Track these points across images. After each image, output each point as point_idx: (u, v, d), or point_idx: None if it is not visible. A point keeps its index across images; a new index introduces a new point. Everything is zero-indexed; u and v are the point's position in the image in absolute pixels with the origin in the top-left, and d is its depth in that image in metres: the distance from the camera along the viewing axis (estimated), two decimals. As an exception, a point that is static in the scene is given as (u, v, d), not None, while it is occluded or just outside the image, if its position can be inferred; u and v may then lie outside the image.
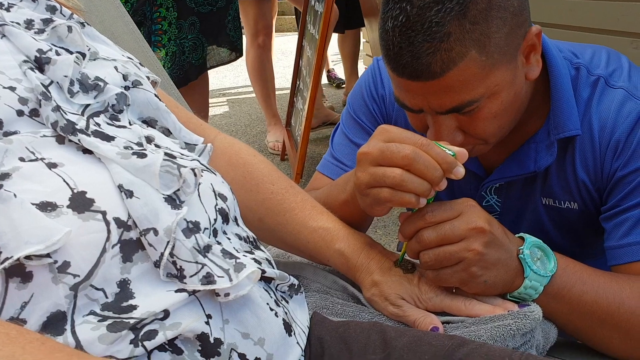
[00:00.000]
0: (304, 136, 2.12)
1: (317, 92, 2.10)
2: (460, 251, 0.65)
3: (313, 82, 2.08)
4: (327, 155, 0.99)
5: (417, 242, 0.67)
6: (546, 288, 0.69)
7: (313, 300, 0.75)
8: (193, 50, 2.02)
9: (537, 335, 0.67)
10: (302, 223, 0.75)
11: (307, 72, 2.33)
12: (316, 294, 0.77)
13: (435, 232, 0.66)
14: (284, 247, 0.82)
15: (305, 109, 2.15)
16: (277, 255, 0.88)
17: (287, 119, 2.74)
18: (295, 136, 2.44)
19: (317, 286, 0.78)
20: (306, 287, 0.78)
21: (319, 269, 0.81)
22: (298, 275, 0.80)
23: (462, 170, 0.65)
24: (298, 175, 2.17)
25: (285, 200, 0.76)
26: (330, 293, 0.77)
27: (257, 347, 0.53)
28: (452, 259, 0.65)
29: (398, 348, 0.60)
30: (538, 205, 0.86)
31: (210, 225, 0.56)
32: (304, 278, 0.80)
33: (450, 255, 0.65)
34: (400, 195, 0.64)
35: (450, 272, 0.66)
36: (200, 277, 0.50)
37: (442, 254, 0.65)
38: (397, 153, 0.63)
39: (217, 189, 0.60)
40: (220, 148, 0.80)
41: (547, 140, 0.80)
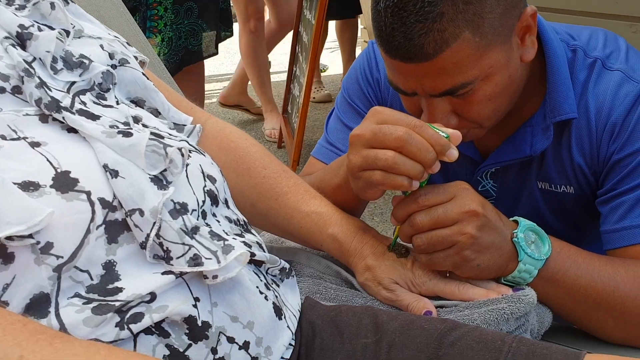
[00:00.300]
0: (301, 123, 2.11)
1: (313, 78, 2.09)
2: (453, 235, 0.65)
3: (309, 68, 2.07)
4: (322, 140, 0.99)
5: (409, 226, 0.67)
6: (540, 272, 0.69)
7: (306, 285, 0.74)
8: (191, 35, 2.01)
9: (531, 320, 0.67)
10: (295, 207, 0.75)
11: (303, 58, 2.31)
12: (309, 279, 0.76)
13: (428, 216, 0.65)
14: (276, 232, 0.81)
15: (302, 95, 2.14)
16: (270, 241, 0.88)
17: (284, 106, 2.73)
18: (291, 123, 2.43)
19: (310, 271, 0.78)
20: (299, 272, 0.78)
21: (312, 254, 0.80)
22: (291, 260, 0.80)
23: (455, 153, 0.64)
24: (295, 162, 2.17)
25: (277, 185, 0.76)
26: (323, 278, 0.77)
27: (246, 330, 0.53)
28: (445, 243, 0.65)
29: (390, 332, 0.60)
30: (534, 190, 0.86)
31: (198, 207, 0.56)
32: (297, 263, 0.79)
33: (443, 238, 0.65)
34: (393, 178, 0.63)
35: (443, 255, 0.66)
36: (187, 259, 0.50)
37: (435, 238, 0.65)
38: (390, 135, 0.62)
39: (206, 170, 0.60)
40: (211, 132, 0.79)
41: (543, 124, 0.80)
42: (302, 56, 2.39)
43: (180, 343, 0.49)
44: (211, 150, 0.75)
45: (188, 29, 2.00)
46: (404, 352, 0.58)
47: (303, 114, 2.10)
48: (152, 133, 0.54)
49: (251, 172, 0.76)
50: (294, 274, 0.67)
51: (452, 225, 0.65)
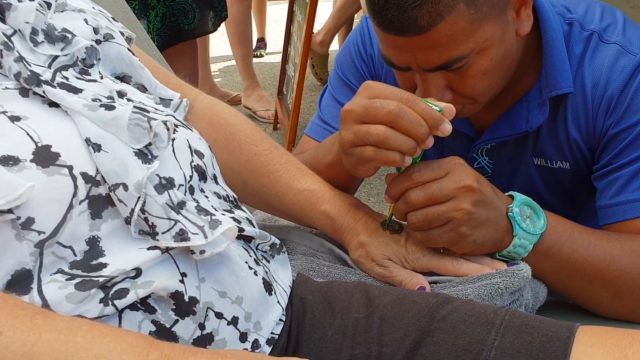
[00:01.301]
0: (296, 104, 2.10)
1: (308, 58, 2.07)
2: (449, 211, 0.64)
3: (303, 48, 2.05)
4: (315, 118, 0.98)
5: (404, 203, 0.66)
6: (536, 246, 0.68)
7: (299, 263, 0.74)
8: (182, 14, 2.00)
9: (525, 294, 0.67)
10: (287, 185, 0.74)
11: (297, 38, 2.29)
12: (302, 256, 0.76)
13: (422, 192, 0.65)
14: (269, 210, 0.81)
15: (296, 76, 2.12)
16: (263, 220, 0.88)
17: (279, 88, 2.72)
18: (287, 104, 2.42)
19: (303, 249, 0.77)
20: (292, 250, 0.78)
21: (305, 231, 0.80)
22: (284, 238, 0.79)
23: (449, 127, 0.63)
24: (290, 144, 2.17)
25: (269, 162, 0.75)
26: (316, 256, 0.76)
27: (234, 305, 0.53)
28: (441, 219, 0.64)
29: (381, 306, 0.60)
30: (530, 166, 0.85)
31: (185, 182, 0.55)
32: (290, 241, 0.79)
33: (438, 215, 0.64)
34: (384, 154, 0.63)
35: (438, 232, 0.65)
36: (173, 234, 0.49)
37: (430, 214, 0.64)
38: (381, 109, 0.62)
39: (193, 145, 0.59)
40: (201, 108, 0.78)
41: (539, 99, 0.79)
42: (296, 35, 2.36)
43: (166, 319, 0.48)
44: (201, 127, 0.74)
45: (179, 7, 1.99)
46: (395, 325, 0.58)
47: (298, 95, 2.09)
48: (136, 107, 0.53)
49: (242, 149, 0.76)
50: (284, 250, 0.66)
51: (447, 201, 0.64)
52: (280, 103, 2.61)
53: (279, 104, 2.61)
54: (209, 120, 0.77)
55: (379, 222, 0.72)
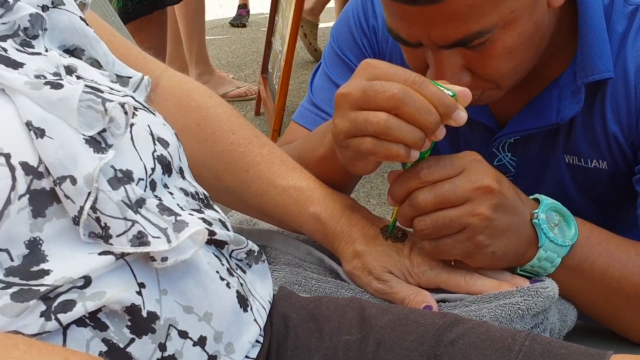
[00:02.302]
0: (283, 85, 2.11)
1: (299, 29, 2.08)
2: (464, 216, 0.64)
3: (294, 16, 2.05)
4: (305, 101, 0.98)
5: (410, 206, 0.67)
6: (564, 260, 0.69)
7: (282, 275, 0.75)
8: None
9: (551, 317, 0.68)
10: (269, 181, 0.75)
11: (286, 4, 2.29)
12: (286, 267, 0.77)
13: (432, 194, 0.65)
14: (247, 210, 0.81)
15: (284, 50, 2.13)
16: (240, 222, 0.88)
17: (263, 65, 2.72)
18: (272, 85, 2.42)
19: (288, 258, 0.78)
20: (274, 259, 0.78)
21: (290, 237, 0.80)
22: (265, 245, 0.80)
23: (463, 115, 0.64)
24: (275, 132, 2.17)
25: (248, 153, 0.75)
26: (303, 266, 0.77)
27: (202, 323, 0.53)
28: (454, 226, 0.65)
29: (378, 327, 0.60)
30: (560, 165, 0.86)
31: (146, 175, 0.55)
32: (271, 249, 0.80)
33: (451, 221, 0.65)
34: (386, 146, 0.63)
35: (451, 242, 0.66)
36: (130, 237, 0.50)
37: (442, 220, 0.65)
38: (382, 93, 0.62)
39: (156, 132, 0.59)
40: (167, 88, 0.78)
41: (572, 85, 0.80)
42: (285, 1, 2.37)
43: (120, 337, 0.49)
44: (167, 110, 0.75)
45: None
46: (394, 350, 0.58)
47: (286, 74, 2.09)
48: (88, 86, 0.53)
49: (216, 137, 0.76)
50: (264, 259, 0.67)
51: (462, 204, 0.64)
52: (264, 83, 2.62)
53: (263, 84, 2.61)
54: (176, 102, 0.77)
55: (379, 228, 0.73)
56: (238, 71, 3.49)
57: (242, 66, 3.58)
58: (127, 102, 0.54)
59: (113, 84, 0.61)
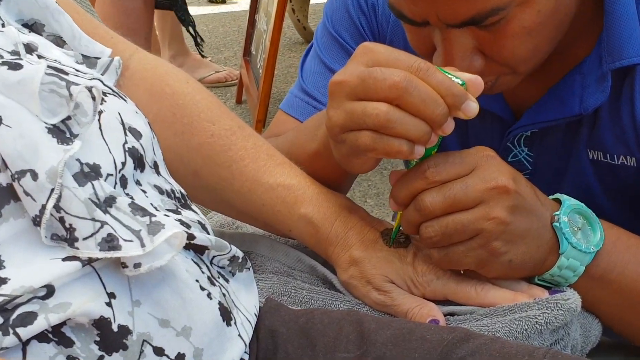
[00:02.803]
0: (268, 68, 2.11)
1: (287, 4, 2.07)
2: (477, 220, 0.64)
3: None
4: (295, 88, 0.98)
5: (415, 210, 0.67)
6: (588, 269, 0.69)
7: (269, 284, 0.75)
8: None
9: (573, 333, 0.68)
10: (255, 178, 0.75)
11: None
12: (274, 276, 0.77)
13: (441, 195, 0.65)
14: (229, 211, 0.82)
15: (270, 29, 2.13)
16: (221, 225, 0.88)
17: (246, 46, 2.72)
18: (255, 69, 2.42)
19: (275, 266, 0.78)
20: (260, 266, 0.78)
21: (278, 242, 0.81)
22: (250, 251, 0.80)
23: (474, 106, 0.64)
24: (260, 123, 2.18)
25: (230, 146, 0.76)
26: (292, 275, 0.77)
27: (180, 339, 0.53)
28: (466, 232, 0.65)
29: (379, 344, 0.60)
30: (583, 161, 0.86)
31: (115, 170, 0.55)
32: (257, 255, 0.80)
33: (463, 226, 0.65)
34: (387, 142, 0.63)
35: (463, 250, 0.66)
36: (98, 240, 0.50)
37: (452, 225, 0.65)
38: (383, 81, 0.62)
39: (128, 120, 0.59)
40: (138, 71, 0.78)
41: (597, 72, 0.80)
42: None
43: (87, 354, 0.49)
44: (138, 96, 0.75)
45: None
46: None
47: (271, 56, 2.10)
48: (50, 67, 0.53)
49: (194, 128, 0.76)
50: (249, 267, 0.67)
51: (475, 207, 0.65)
52: (246, 67, 2.62)
53: (245, 68, 2.61)
54: (149, 87, 0.77)
55: (379, 232, 0.73)
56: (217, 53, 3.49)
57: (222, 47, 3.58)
58: (94, 86, 0.53)
59: (79, 65, 0.61)
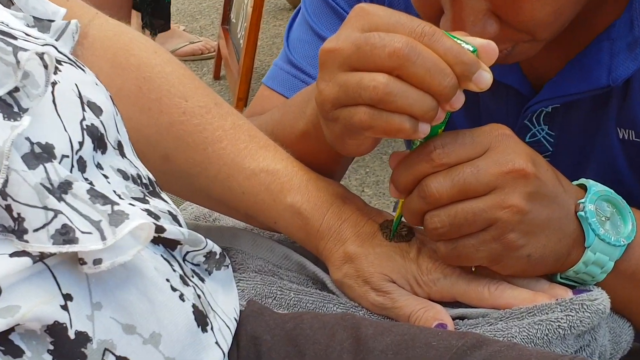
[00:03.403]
0: (250, 39, 2.10)
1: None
2: (490, 209, 0.64)
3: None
4: (280, 59, 0.99)
5: (420, 198, 0.67)
6: (618, 264, 0.69)
7: (251, 285, 0.75)
8: None
9: (601, 338, 0.68)
10: (234, 162, 0.75)
11: None
12: (257, 275, 0.77)
13: (448, 180, 0.65)
14: (205, 201, 0.82)
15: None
16: (196, 217, 0.89)
17: (224, 14, 2.72)
18: (235, 40, 2.41)
19: (259, 264, 0.78)
20: (241, 264, 0.78)
21: (262, 237, 0.81)
22: (229, 247, 0.80)
23: (487, 77, 0.64)
24: (241, 101, 2.18)
25: (206, 126, 0.76)
26: (278, 274, 0.77)
27: (147, 347, 0.53)
28: (478, 222, 0.65)
29: (377, 351, 0.60)
30: (612, 141, 0.87)
31: (72, 151, 0.55)
32: (238, 251, 0.80)
33: (474, 215, 0.65)
34: (386, 118, 0.63)
35: (474, 243, 0.66)
36: (51, 232, 0.50)
37: (462, 215, 0.65)
38: (382, 48, 0.62)
39: (86, 94, 0.59)
40: (99, 39, 0.78)
41: (628, 37, 0.81)
42: None
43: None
44: (99, 68, 0.75)
45: None
46: None
47: (254, 25, 2.09)
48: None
49: (164, 105, 0.76)
50: (228, 264, 0.67)
51: (487, 194, 0.65)
52: (225, 37, 2.61)
53: (224, 39, 2.61)
54: (111, 58, 0.77)
55: (378, 224, 0.73)
56: (192, 21, 3.48)
57: (197, 15, 3.58)
58: (46, 53, 0.53)
59: (29, 28, 0.61)
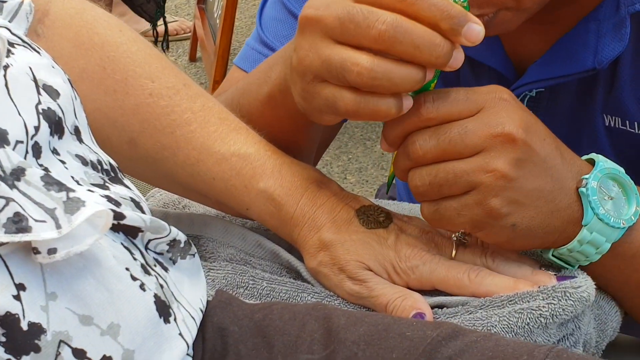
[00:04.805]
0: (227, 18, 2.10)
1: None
2: (473, 172, 0.64)
3: None
4: (252, 38, 0.99)
5: (405, 154, 0.67)
6: (615, 246, 0.69)
7: (222, 274, 0.75)
8: None
9: (585, 326, 0.69)
10: (204, 146, 0.75)
11: None
12: (227, 264, 0.77)
13: (434, 139, 0.65)
14: (173, 187, 0.82)
15: (229, -29, 2.11)
16: (164, 204, 0.88)
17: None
18: (212, 19, 2.41)
19: (230, 252, 0.78)
20: (211, 253, 0.79)
21: (233, 224, 0.81)
22: (199, 235, 0.80)
23: (478, 29, 0.62)
24: (217, 84, 2.17)
25: (174, 108, 0.76)
26: (251, 263, 0.77)
27: (105, 338, 0.53)
28: (459, 185, 0.65)
29: (349, 342, 0.60)
30: (598, 128, 0.87)
31: (27, 137, 0.55)
32: (208, 240, 0.80)
33: (455, 177, 0.65)
34: (372, 106, 0.63)
35: (456, 206, 0.66)
36: (3, 221, 0.49)
37: (442, 175, 0.65)
38: (367, 29, 0.61)
39: (42, 77, 0.59)
40: (60, 18, 0.78)
41: (614, 17, 0.81)
42: None
43: None
44: (61, 47, 0.75)
45: None
46: None
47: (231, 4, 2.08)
48: None
49: (129, 86, 0.76)
50: (194, 252, 0.67)
51: (473, 155, 0.65)
52: (201, 16, 2.60)
53: (200, 18, 2.60)
54: (73, 37, 0.77)
55: (354, 210, 0.73)
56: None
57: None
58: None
59: None
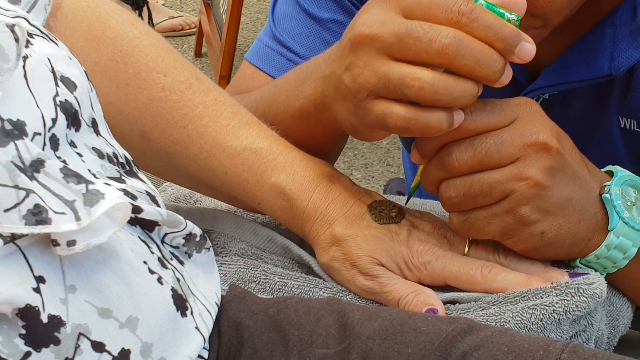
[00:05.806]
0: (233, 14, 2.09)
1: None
2: (507, 180, 0.65)
3: None
4: (264, 34, 0.98)
5: (438, 166, 0.67)
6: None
7: (234, 269, 0.76)
8: None
9: (597, 323, 0.69)
10: (216, 141, 0.75)
11: None
12: (239, 259, 0.77)
13: (471, 150, 0.65)
14: (185, 182, 0.82)
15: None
16: (176, 199, 0.89)
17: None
18: (218, 15, 2.40)
19: (242, 247, 0.79)
20: (223, 247, 0.79)
21: (245, 219, 0.81)
22: (211, 229, 0.81)
23: (530, 48, 0.62)
24: (223, 80, 2.17)
25: (186, 103, 0.76)
26: (262, 258, 0.78)
27: (124, 331, 0.53)
28: (493, 194, 0.65)
29: (364, 337, 0.61)
30: (612, 130, 0.87)
31: (44, 128, 0.55)
32: (220, 234, 0.80)
33: (489, 187, 0.65)
34: (424, 122, 0.63)
35: (486, 215, 0.66)
36: (23, 212, 0.49)
37: (477, 186, 0.65)
38: (428, 43, 0.61)
39: (60, 68, 0.59)
40: (73, 11, 0.78)
41: (631, 24, 0.81)
42: None
43: (10, 351, 0.48)
44: (74, 40, 0.75)
45: None
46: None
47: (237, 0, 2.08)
48: None
49: (142, 80, 0.76)
50: (209, 247, 0.67)
51: (507, 165, 0.65)
52: (207, 12, 2.60)
53: (206, 14, 2.60)
54: (86, 30, 0.77)
55: (366, 205, 0.73)
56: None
57: (177, -12, 3.56)
58: (17, 25, 0.53)
59: None
